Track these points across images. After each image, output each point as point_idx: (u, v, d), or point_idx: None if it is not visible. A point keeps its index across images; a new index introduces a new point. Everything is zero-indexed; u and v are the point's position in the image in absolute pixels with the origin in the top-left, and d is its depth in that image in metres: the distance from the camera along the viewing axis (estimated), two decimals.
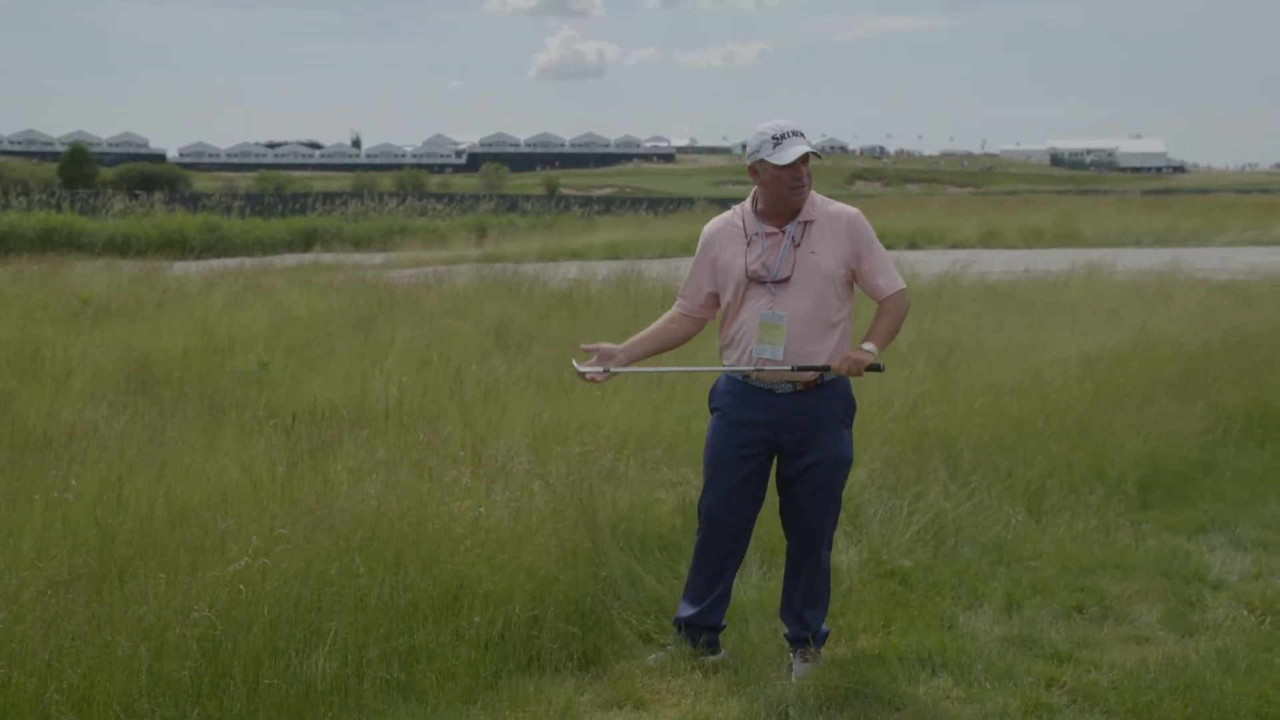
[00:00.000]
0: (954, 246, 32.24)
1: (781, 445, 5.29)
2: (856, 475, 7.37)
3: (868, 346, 5.24)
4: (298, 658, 4.91)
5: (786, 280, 5.17)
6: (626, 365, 5.44)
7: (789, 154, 5.10)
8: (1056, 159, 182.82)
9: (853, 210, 5.32)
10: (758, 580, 6.35)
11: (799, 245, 5.19)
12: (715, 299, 5.38)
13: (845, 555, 6.60)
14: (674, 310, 5.46)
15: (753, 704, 5.00)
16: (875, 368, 5.28)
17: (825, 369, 5.22)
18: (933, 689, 5.15)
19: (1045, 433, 8.36)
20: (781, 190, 5.17)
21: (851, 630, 5.82)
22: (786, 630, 5.51)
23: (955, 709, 4.98)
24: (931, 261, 21.46)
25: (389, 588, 5.31)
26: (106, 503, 5.77)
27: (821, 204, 5.30)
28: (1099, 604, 6.19)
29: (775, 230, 5.22)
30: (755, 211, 5.29)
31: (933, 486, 7.43)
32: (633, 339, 5.49)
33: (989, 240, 33.88)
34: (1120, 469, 8.10)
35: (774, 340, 5.16)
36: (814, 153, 5.16)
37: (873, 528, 7.02)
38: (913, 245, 33.16)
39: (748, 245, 5.23)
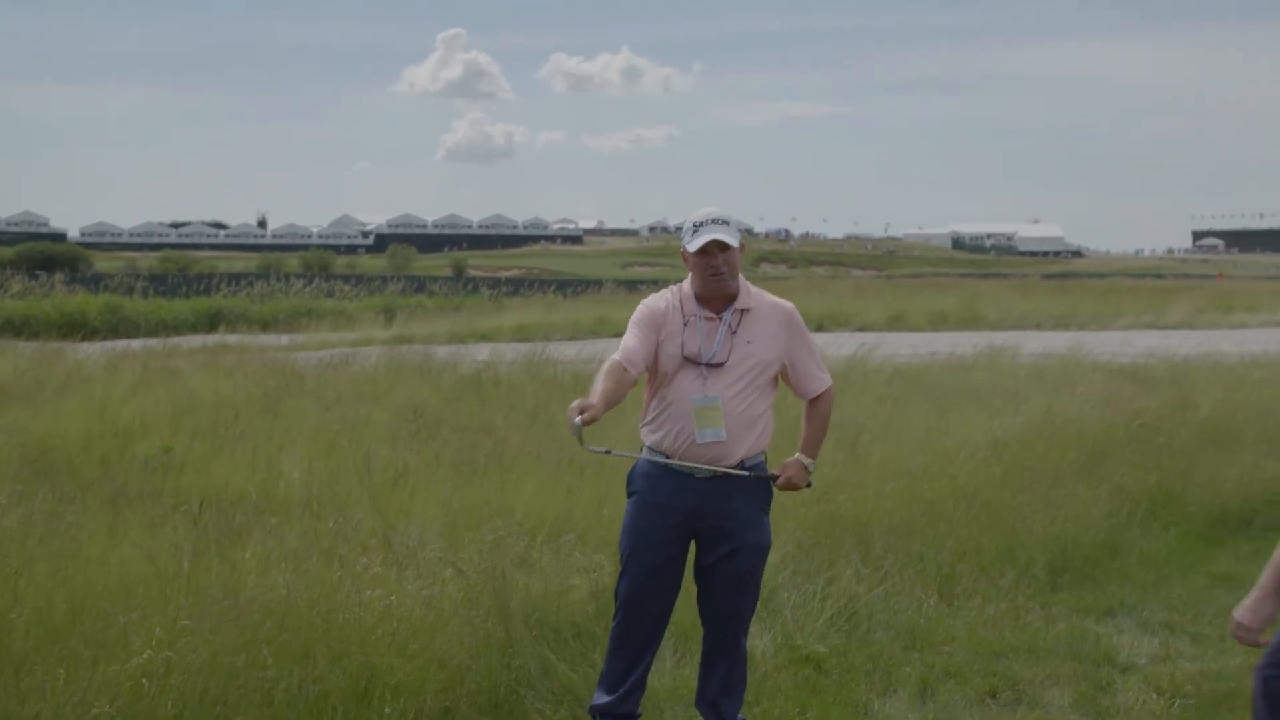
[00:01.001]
0: (860, 329, 32.59)
1: (699, 532, 5.22)
2: (770, 559, 7.36)
3: (806, 462, 5.38)
4: None
5: (721, 365, 5.16)
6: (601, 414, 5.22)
7: (698, 242, 5.14)
8: (958, 242, 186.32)
9: (789, 304, 5.41)
10: (672, 667, 6.30)
11: (735, 333, 5.20)
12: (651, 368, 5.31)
13: (760, 641, 6.57)
14: (618, 359, 5.16)
15: None
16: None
17: (774, 477, 5.31)
18: None
19: (955, 516, 8.41)
20: (701, 276, 5.21)
21: (768, 718, 5.78)
22: None
23: None
24: (839, 344, 21.62)
25: (297, 679, 5.20)
26: (2, 596, 5.60)
27: (758, 295, 5.34)
28: (1012, 688, 6.22)
29: (714, 315, 5.22)
30: (694, 295, 5.30)
31: (845, 570, 7.44)
32: (599, 391, 5.07)
33: (895, 323, 34.29)
34: (1030, 552, 8.17)
35: (714, 423, 5.12)
36: (724, 241, 5.15)
37: (786, 613, 7.00)
38: (820, 328, 33.44)
39: (685, 326, 5.22)
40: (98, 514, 7.65)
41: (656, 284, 56.98)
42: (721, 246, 5.16)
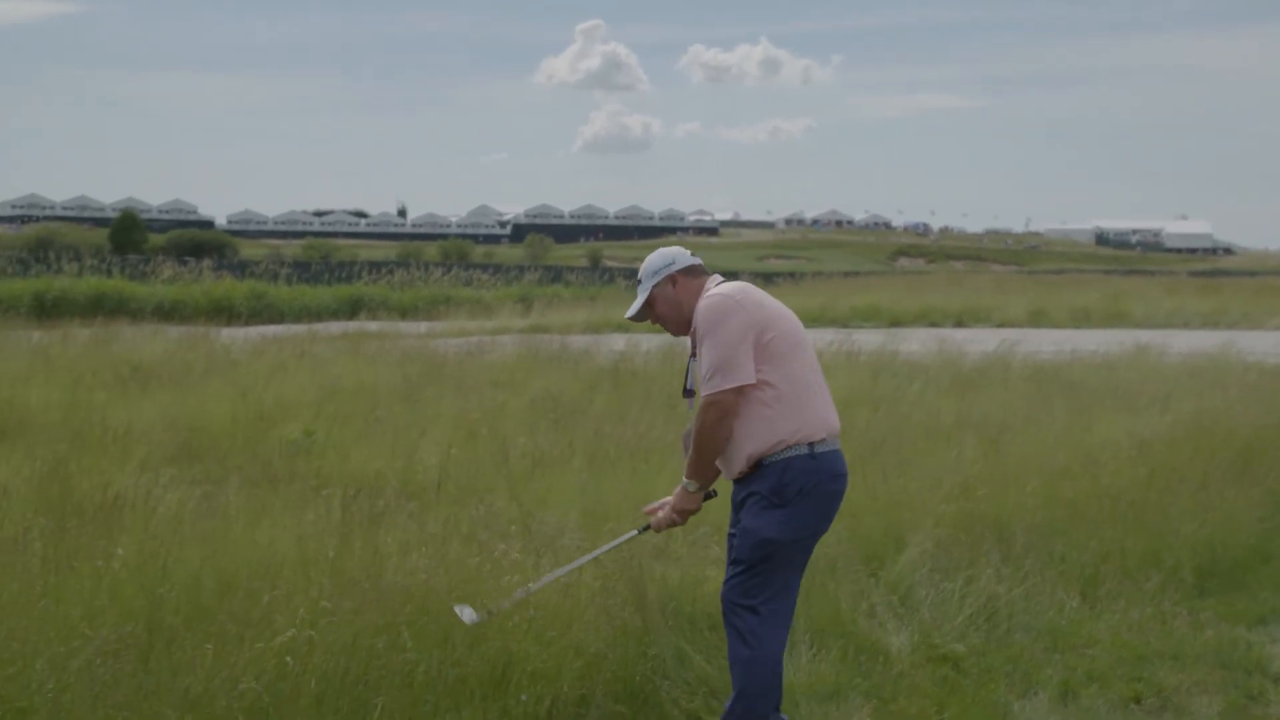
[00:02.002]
0: (1001, 325, 32.08)
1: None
2: (907, 556, 7.29)
3: (687, 485, 5.14)
4: None
5: (692, 393, 5.18)
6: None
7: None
8: (1102, 239, 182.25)
9: (713, 298, 5.07)
10: (807, 662, 6.25)
11: (694, 356, 5.18)
12: None
13: (896, 638, 6.50)
14: None
15: None
16: (708, 496, 5.24)
17: (645, 528, 5.37)
18: None
19: (1099, 517, 8.23)
20: None
21: (904, 715, 5.72)
22: None
23: None
24: (979, 340, 21.35)
25: (437, 663, 5.25)
26: (153, 572, 5.75)
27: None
28: (1157, 695, 6.06)
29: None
30: None
31: (985, 569, 7.32)
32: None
33: (1037, 319, 33.68)
34: (1176, 556, 7.96)
35: None
36: (635, 315, 5.34)
37: (924, 610, 6.92)
38: (959, 323, 33.06)
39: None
40: (243, 495, 7.83)
41: (793, 276, 56.55)
42: (643, 310, 5.32)
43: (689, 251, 5.36)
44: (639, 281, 5.31)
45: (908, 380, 14.98)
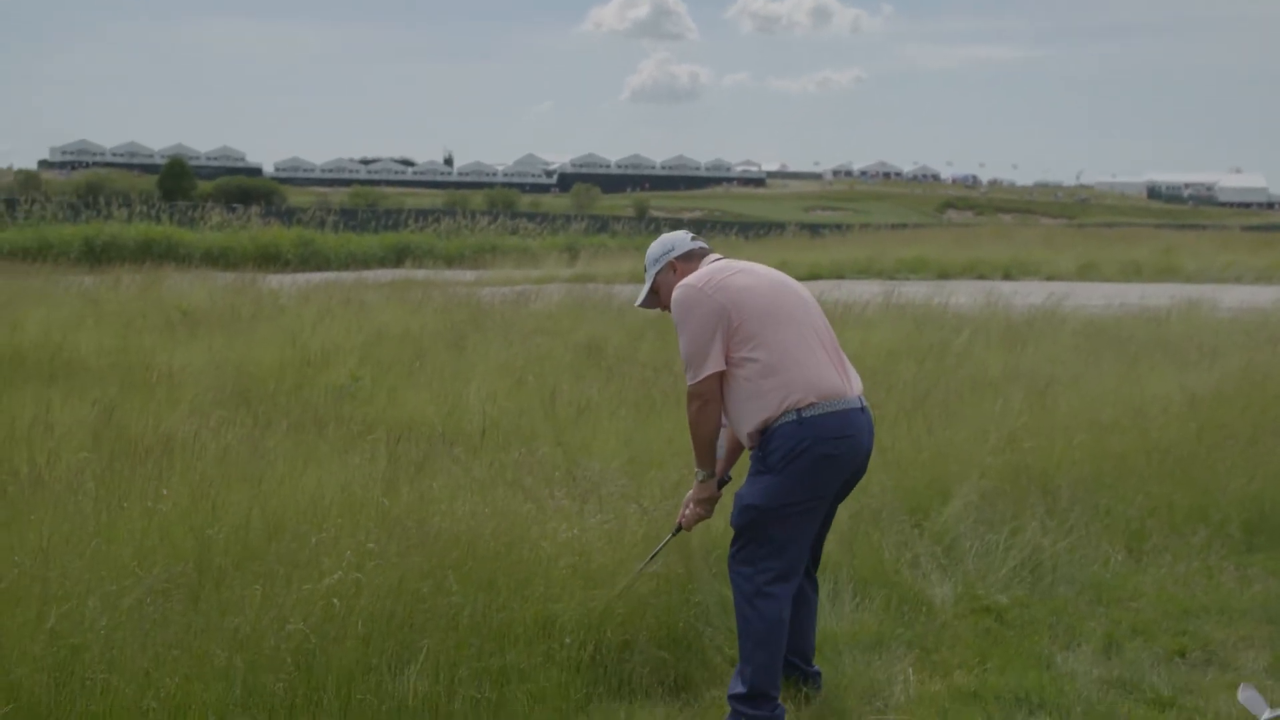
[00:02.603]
0: (1049, 279, 31.81)
1: None
2: (951, 508, 7.28)
3: (697, 474, 5.28)
4: (390, 674, 4.91)
5: None
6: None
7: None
8: (1154, 192, 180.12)
9: (678, 291, 5.11)
10: (850, 611, 6.27)
11: None
12: None
13: (939, 589, 6.50)
14: None
15: None
16: (722, 483, 5.36)
17: (678, 529, 5.48)
18: None
19: (1146, 471, 8.17)
20: None
21: (946, 666, 5.73)
22: None
23: None
24: (1027, 293, 21.20)
25: (482, 607, 5.29)
26: (202, 513, 5.82)
27: None
28: (1202, 649, 6.04)
29: None
30: None
31: (1030, 522, 7.30)
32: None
33: (1086, 273, 33.38)
34: (1224, 511, 7.90)
35: None
36: (643, 303, 5.47)
37: (968, 562, 6.92)
38: (1007, 276, 32.80)
39: None
40: (291, 439, 7.89)
41: (839, 228, 56.31)
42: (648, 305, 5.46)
43: (689, 235, 5.39)
44: (645, 269, 5.38)
45: (954, 332, 14.90)
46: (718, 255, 5.30)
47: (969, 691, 5.42)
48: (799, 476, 4.88)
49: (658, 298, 5.34)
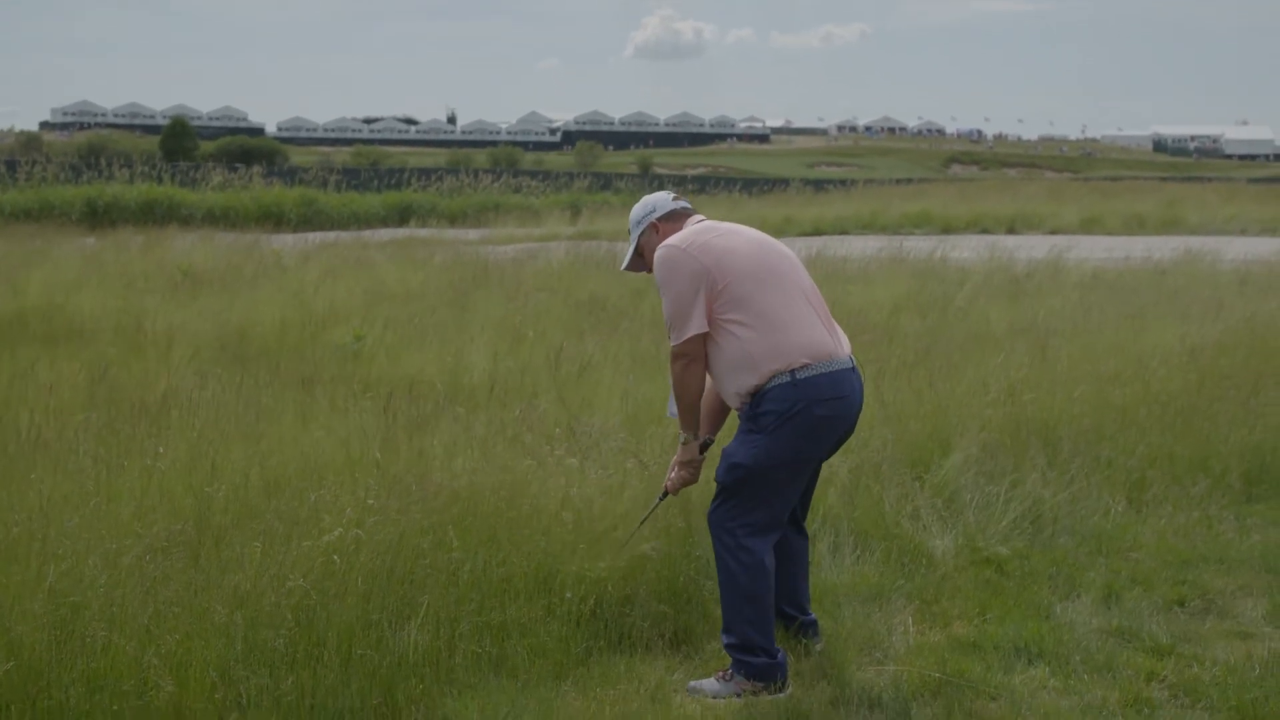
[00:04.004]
0: (1053, 232, 31.73)
1: None
2: (952, 460, 7.28)
3: (680, 437, 5.28)
4: (390, 629, 4.93)
5: None
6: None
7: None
8: (1159, 145, 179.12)
9: (660, 251, 5.12)
10: (851, 564, 6.29)
11: None
12: None
13: (940, 540, 6.51)
14: None
15: (845, 689, 4.95)
16: (704, 447, 5.33)
17: (664, 494, 5.46)
18: (1029, 679, 5.07)
19: (1147, 422, 8.17)
20: None
21: (946, 617, 5.75)
22: None
23: (1052, 700, 4.88)
24: (1030, 247, 21.15)
25: (482, 562, 5.31)
26: (202, 471, 5.83)
27: None
28: (1201, 598, 6.05)
29: None
30: None
31: (1030, 474, 7.31)
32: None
33: (1090, 226, 33.27)
34: (1225, 461, 7.91)
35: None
36: (628, 266, 5.48)
37: (968, 514, 6.93)
38: (1011, 230, 32.74)
39: None
40: (290, 398, 7.90)
41: (844, 183, 56.16)
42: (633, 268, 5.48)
43: (672, 195, 5.38)
44: (629, 230, 5.39)
45: (957, 286, 14.89)
46: (701, 216, 5.29)
47: (969, 642, 5.44)
48: (791, 438, 4.88)
49: (643, 260, 5.33)
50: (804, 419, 4.85)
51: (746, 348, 4.90)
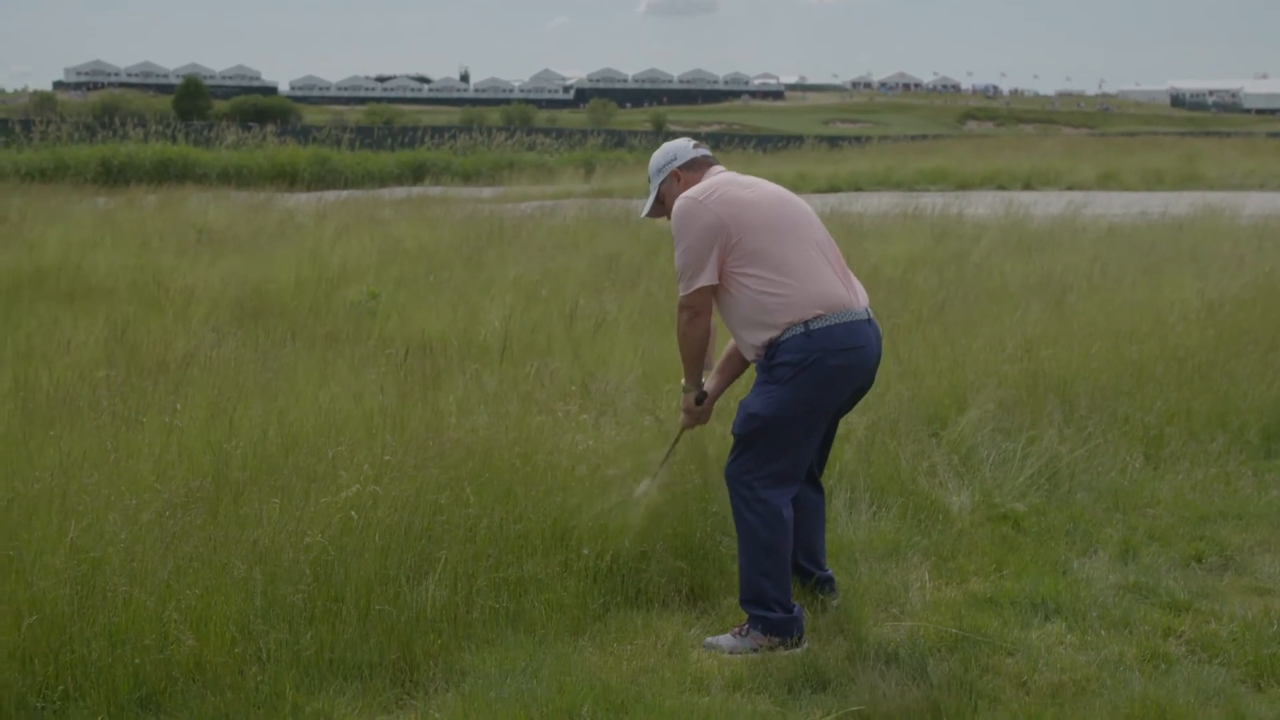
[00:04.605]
0: (1070, 188, 31.56)
1: None
2: (969, 417, 7.27)
3: (682, 385, 5.38)
4: (408, 585, 4.95)
5: None
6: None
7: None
8: (1177, 100, 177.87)
9: (676, 204, 5.12)
10: (868, 520, 6.29)
11: None
12: None
13: (956, 497, 6.51)
14: None
15: (861, 644, 4.95)
16: (699, 399, 5.36)
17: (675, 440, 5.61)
18: (1045, 634, 5.07)
19: (1165, 378, 8.15)
20: None
21: (963, 573, 5.75)
22: None
23: (1069, 656, 4.88)
24: (1046, 203, 21.09)
25: (499, 518, 5.33)
26: (220, 428, 5.85)
27: None
28: (1219, 554, 6.04)
29: None
30: None
31: (1047, 430, 7.30)
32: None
33: (1107, 182, 33.10)
34: (1243, 417, 7.88)
35: None
36: (650, 214, 5.42)
37: (985, 470, 6.92)
38: (1027, 186, 32.58)
39: None
40: (307, 355, 7.92)
41: (859, 140, 55.96)
42: (655, 214, 5.40)
43: (693, 143, 5.33)
44: (649, 178, 5.36)
45: (973, 242, 14.84)
46: (722, 167, 5.27)
47: (985, 597, 5.44)
48: (806, 388, 4.88)
49: (663, 207, 5.30)
50: (819, 369, 4.85)
51: (761, 300, 4.90)
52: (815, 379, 4.86)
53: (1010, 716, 4.37)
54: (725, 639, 4.98)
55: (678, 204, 5.05)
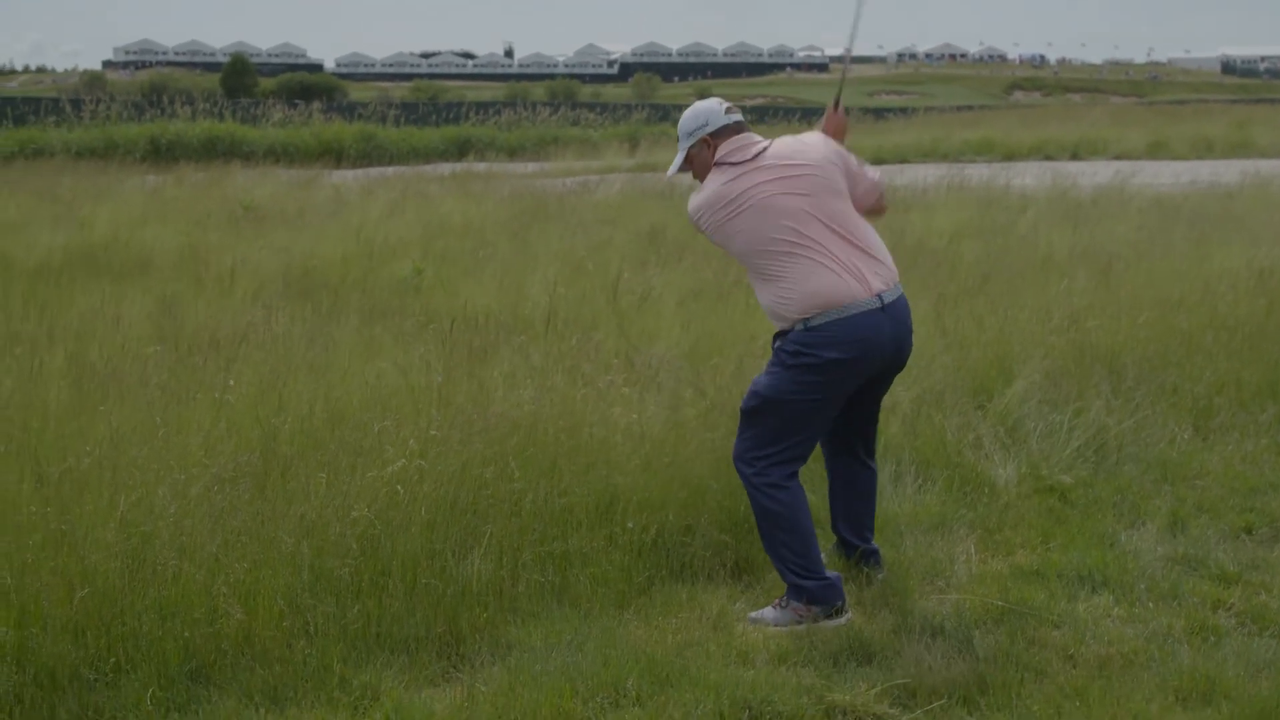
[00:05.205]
0: (1118, 158, 31.19)
1: None
2: (1015, 388, 7.22)
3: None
4: (454, 558, 4.98)
5: None
6: None
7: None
8: (1228, 67, 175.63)
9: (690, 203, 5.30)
10: (913, 493, 6.26)
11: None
12: None
13: (1003, 470, 6.47)
14: None
15: (907, 617, 4.94)
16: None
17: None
18: (1093, 607, 5.04)
19: (1214, 348, 8.06)
20: None
21: (1009, 546, 5.72)
22: None
23: (1116, 629, 4.85)
24: (1093, 172, 20.90)
25: (544, 492, 5.35)
26: (268, 403, 5.90)
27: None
28: (1269, 525, 5.98)
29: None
30: None
31: (1094, 401, 7.24)
32: None
33: (1155, 151, 32.70)
34: None
35: None
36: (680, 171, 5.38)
37: (1031, 442, 6.87)
38: (1075, 156, 32.22)
39: None
40: (354, 330, 7.96)
41: (905, 112, 55.55)
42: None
43: (724, 106, 5.25)
44: (678, 139, 5.31)
45: (1019, 213, 14.73)
46: (752, 135, 5.20)
47: (1031, 570, 5.41)
48: (803, 375, 4.92)
49: (691, 167, 5.30)
50: (814, 361, 4.88)
51: (765, 300, 5.06)
52: (812, 369, 4.90)
53: (1057, 689, 4.35)
54: (769, 612, 4.99)
55: (690, 211, 5.20)
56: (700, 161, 5.20)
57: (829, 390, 4.97)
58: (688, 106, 5.43)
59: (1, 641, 4.19)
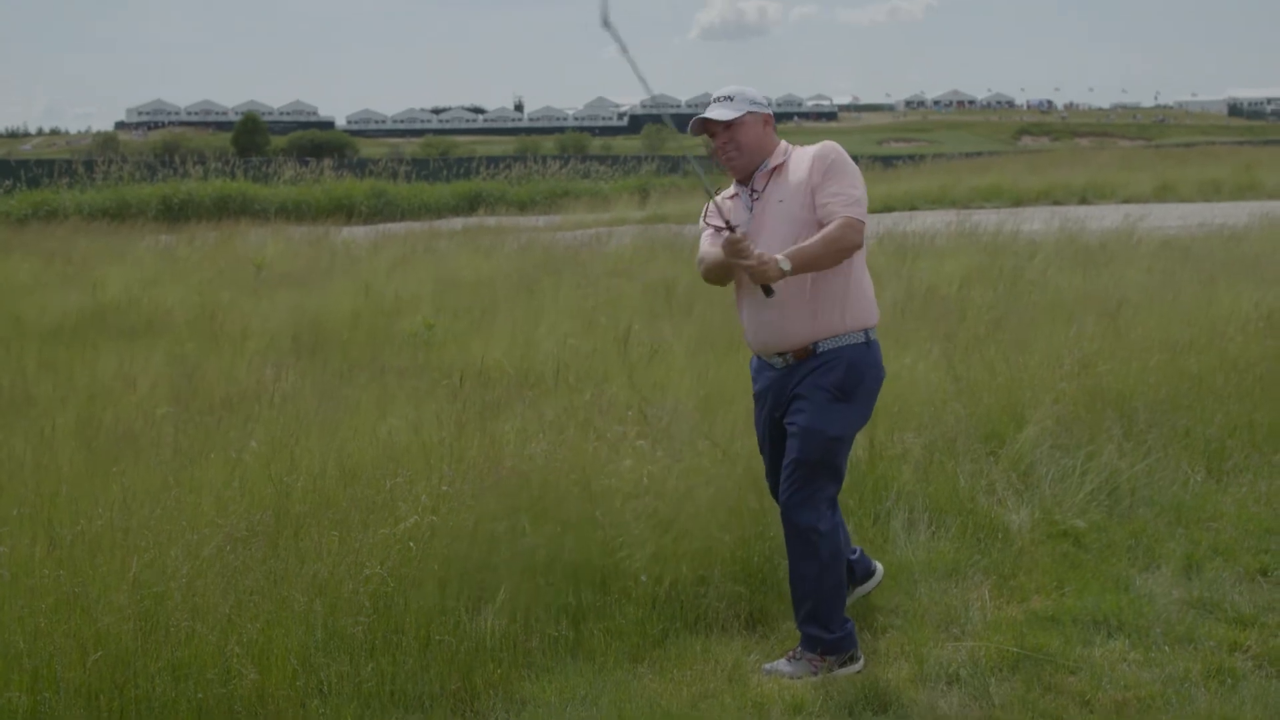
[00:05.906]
0: (1126, 201, 31.27)
1: (775, 420, 5.15)
2: (1026, 434, 7.22)
3: (780, 258, 4.73)
4: (467, 614, 4.98)
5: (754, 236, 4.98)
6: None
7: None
8: (1235, 109, 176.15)
9: (829, 143, 5.05)
10: (926, 540, 6.25)
11: (760, 197, 5.14)
12: None
13: (1016, 515, 6.45)
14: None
15: (922, 665, 4.93)
16: (767, 290, 4.83)
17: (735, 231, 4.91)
18: (1109, 651, 5.02)
19: (1225, 391, 8.05)
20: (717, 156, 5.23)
21: (1024, 591, 5.70)
22: None
23: (1132, 673, 4.83)
24: (1102, 216, 20.92)
25: (556, 546, 5.34)
26: (280, 462, 5.91)
27: (799, 149, 5.13)
28: None
29: (740, 190, 5.26)
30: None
31: (1106, 445, 7.22)
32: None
33: (1163, 194, 32.77)
34: None
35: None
36: (712, 119, 5.12)
37: (1044, 487, 6.86)
38: (1083, 200, 32.29)
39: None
40: (365, 387, 7.99)
41: (913, 159, 55.72)
42: (714, 124, 5.12)
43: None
44: (729, 97, 5.17)
45: (1028, 258, 14.74)
46: (785, 144, 5.23)
47: (1047, 615, 5.39)
48: (870, 401, 5.09)
49: (731, 132, 5.14)
50: (879, 377, 5.08)
51: (825, 299, 5.00)
52: (876, 391, 5.11)
53: None
54: (783, 664, 4.97)
55: (831, 145, 5.04)
56: (754, 132, 5.11)
57: (758, 414, 5.25)
58: (701, 156, 5.48)
59: (15, 707, 4.19)
